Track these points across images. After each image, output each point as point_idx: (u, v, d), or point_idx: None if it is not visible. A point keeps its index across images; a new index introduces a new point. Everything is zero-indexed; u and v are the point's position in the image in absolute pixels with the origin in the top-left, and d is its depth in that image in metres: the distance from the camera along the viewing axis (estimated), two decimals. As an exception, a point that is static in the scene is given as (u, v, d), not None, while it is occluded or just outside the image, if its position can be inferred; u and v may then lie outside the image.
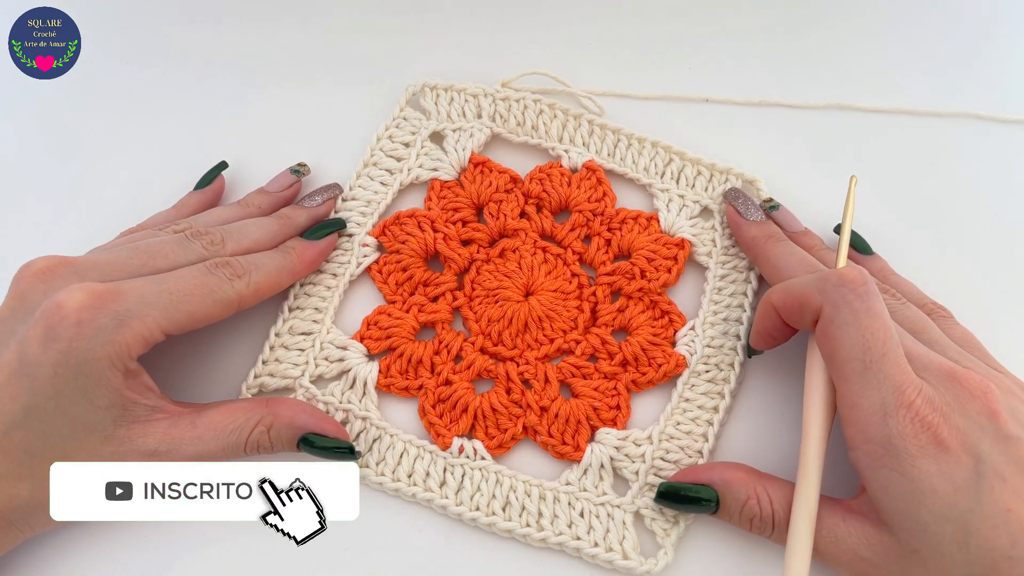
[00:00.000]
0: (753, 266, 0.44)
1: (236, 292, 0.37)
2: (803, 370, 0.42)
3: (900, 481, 0.31)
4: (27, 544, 0.37)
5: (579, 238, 0.44)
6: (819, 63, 0.51)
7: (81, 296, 0.33)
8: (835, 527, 0.34)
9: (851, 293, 0.33)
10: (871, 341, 0.33)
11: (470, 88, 0.48)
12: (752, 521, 0.36)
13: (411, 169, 0.46)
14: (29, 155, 0.48)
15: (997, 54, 0.51)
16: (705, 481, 0.37)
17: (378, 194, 0.45)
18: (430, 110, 0.48)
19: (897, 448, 0.31)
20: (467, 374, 0.41)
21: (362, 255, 0.44)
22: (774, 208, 0.44)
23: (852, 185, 0.40)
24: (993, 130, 0.48)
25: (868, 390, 0.32)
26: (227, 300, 0.37)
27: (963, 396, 0.32)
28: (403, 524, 0.39)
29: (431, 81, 0.48)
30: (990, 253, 0.45)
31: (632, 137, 0.47)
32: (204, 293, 0.36)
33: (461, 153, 0.46)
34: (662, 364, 0.41)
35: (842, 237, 0.39)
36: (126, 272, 0.36)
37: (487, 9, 0.53)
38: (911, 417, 0.32)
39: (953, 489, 0.31)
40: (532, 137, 0.47)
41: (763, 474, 0.37)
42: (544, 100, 0.47)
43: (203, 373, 0.42)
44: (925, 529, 0.31)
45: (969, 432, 0.32)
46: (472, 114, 0.47)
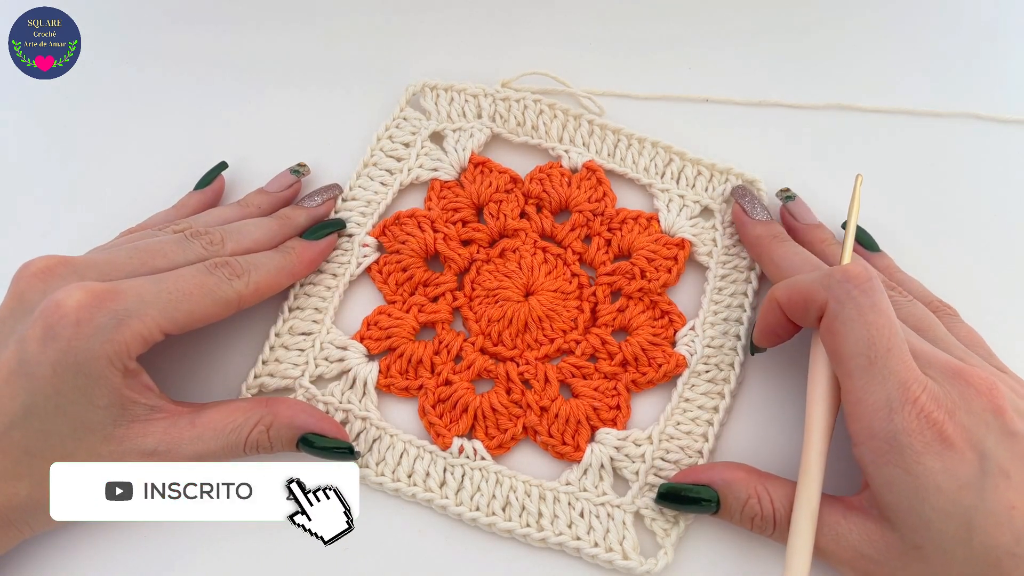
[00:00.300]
0: (754, 266, 0.44)
1: (235, 292, 0.37)
2: (803, 370, 0.42)
3: (904, 477, 0.31)
4: (27, 544, 0.37)
5: (579, 238, 0.44)
6: (820, 63, 0.51)
7: (80, 295, 0.33)
8: (836, 524, 0.34)
9: (856, 289, 0.33)
10: (876, 337, 0.33)
11: (470, 88, 0.48)
12: (753, 520, 0.36)
13: (411, 169, 0.46)
14: (29, 155, 0.48)
15: (998, 54, 0.51)
16: (705, 481, 0.37)
17: (378, 194, 0.45)
18: (430, 110, 0.48)
19: (902, 444, 0.31)
20: (467, 374, 0.41)
21: (362, 255, 0.44)
22: (790, 198, 0.44)
23: (858, 183, 0.40)
24: (994, 130, 0.48)
25: (873, 386, 0.32)
26: (226, 300, 0.37)
27: (968, 393, 0.32)
28: (403, 524, 0.39)
29: (431, 81, 0.48)
30: (990, 254, 0.45)
31: (632, 137, 0.47)
32: (203, 293, 0.36)
33: (461, 153, 0.46)
34: (662, 364, 0.41)
35: (847, 234, 0.39)
36: (125, 272, 0.36)
37: (487, 10, 0.53)
38: (916, 413, 0.31)
39: (957, 486, 0.31)
40: (532, 137, 0.47)
41: (763, 473, 0.37)
42: (544, 100, 0.47)
43: (203, 373, 0.42)
44: (928, 526, 0.31)
45: (974, 429, 0.32)
46: (472, 114, 0.47)
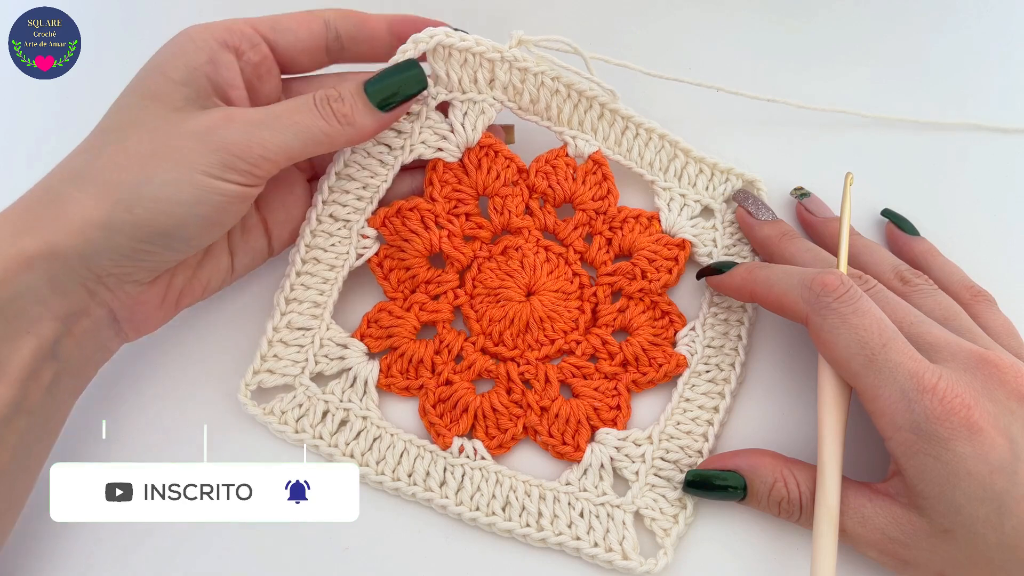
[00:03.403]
0: (754, 266, 0.43)
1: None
2: (803, 370, 0.42)
3: (935, 465, 0.32)
4: (26, 545, 0.37)
5: (581, 236, 0.44)
6: (820, 68, 0.51)
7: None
8: (862, 507, 0.34)
9: (835, 300, 0.34)
10: (866, 336, 0.33)
11: (487, 51, 0.41)
12: (780, 504, 0.36)
13: (413, 147, 0.42)
14: (29, 155, 0.48)
15: (1000, 64, 0.51)
16: (732, 467, 0.37)
17: (376, 176, 0.42)
18: (439, 73, 0.41)
19: (927, 432, 0.32)
20: (468, 374, 0.41)
21: (362, 247, 0.42)
22: (805, 196, 0.44)
23: (848, 183, 0.40)
24: (996, 140, 0.48)
25: (882, 380, 0.33)
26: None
27: (992, 381, 0.33)
28: (403, 524, 0.39)
29: (445, 37, 0.40)
30: (992, 262, 0.44)
31: (641, 127, 0.45)
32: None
33: (470, 132, 0.42)
34: (663, 364, 0.41)
35: (841, 236, 0.39)
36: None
37: (486, 7, 0.52)
38: (937, 400, 0.32)
39: (989, 470, 0.31)
40: (542, 118, 0.44)
41: (788, 458, 0.37)
42: (562, 79, 0.43)
43: (203, 373, 0.42)
44: (959, 511, 0.32)
45: (1000, 415, 0.32)
46: (484, 82, 0.42)
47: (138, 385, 0.41)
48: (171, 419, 0.41)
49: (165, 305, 0.38)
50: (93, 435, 0.40)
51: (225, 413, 0.41)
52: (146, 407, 0.41)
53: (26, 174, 0.48)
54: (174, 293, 0.38)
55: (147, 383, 0.41)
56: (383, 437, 0.40)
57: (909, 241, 0.43)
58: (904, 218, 0.44)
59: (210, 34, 0.37)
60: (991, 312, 0.39)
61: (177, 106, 0.36)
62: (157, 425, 0.41)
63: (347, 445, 0.40)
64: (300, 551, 0.38)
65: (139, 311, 0.37)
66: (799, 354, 0.43)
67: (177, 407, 0.41)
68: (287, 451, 0.40)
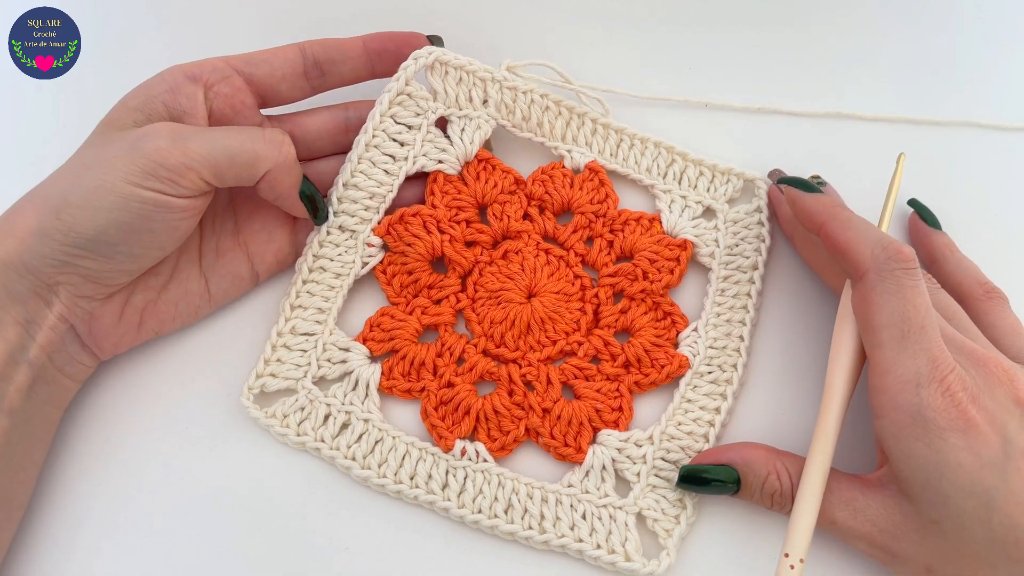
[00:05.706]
0: (757, 266, 0.43)
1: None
2: (804, 370, 0.42)
3: (925, 452, 0.32)
4: (27, 544, 0.37)
5: (581, 239, 0.44)
6: (820, 70, 0.50)
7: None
8: (854, 499, 0.35)
9: (901, 268, 0.34)
10: (911, 312, 0.33)
11: (479, 71, 0.44)
12: (773, 497, 0.36)
13: (416, 158, 0.43)
14: (29, 155, 0.48)
15: (998, 62, 0.51)
16: (725, 461, 0.37)
17: (382, 186, 0.43)
18: (437, 89, 0.43)
19: (926, 419, 0.32)
20: (469, 376, 0.41)
21: (367, 255, 0.43)
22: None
23: (900, 162, 0.41)
24: (994, 138, 0.48)
25: (903, 357, 0.33)
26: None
27: (992, 381, 0.33)
28: (405, 526, 0.39)
29: (443, 54, 0.43)
30: (992, 261, 0.45)
31: (635, 137, 0.46)
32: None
33: (468, 146, 0.44)
34: (665, 365, 0.41)
35: (885, 211, 0.39)
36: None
37: (485, 7, 0.52)
38: (943, 391, 0.32)
39: (979, 465, 0.32)
40: (536, 134, 0.45)
41: (781, 451, 0.37)
42: (551, 96, 0.45)
43: (203, 373, 0.42)
44: (946, 502, 0.32)
45: (997, 414, 0.33)
46: (479, 100, 0.44)
47: (139, 385, 0.41)
48: (173, 420, 0.41)
49: (125, 323, 0.38)
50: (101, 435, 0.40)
51: (228, 415, 0.41)
52: (148, 407, 0.41)
53: (26, 174, 0.48)
54: (134, 312, 0.39)
55: (148, 383, 0.41)
56: (385, 440, 0.40)
57: (930, 234, 0.43)
58: (929, 210, 0.44)
59: (179, 68, 0.39)
60: (1001, 310, 0.39)
61: (125, 127, 0.37)
62: (159, 426, 0.41)
63: (349, 448, 0.40)
64: (300, 551, 0.38)
65: (96, 327, 0.38)
66: (800, 355, 0.43)
67: (180, 408, 0.41)
68: (290, 453, 0.40)
